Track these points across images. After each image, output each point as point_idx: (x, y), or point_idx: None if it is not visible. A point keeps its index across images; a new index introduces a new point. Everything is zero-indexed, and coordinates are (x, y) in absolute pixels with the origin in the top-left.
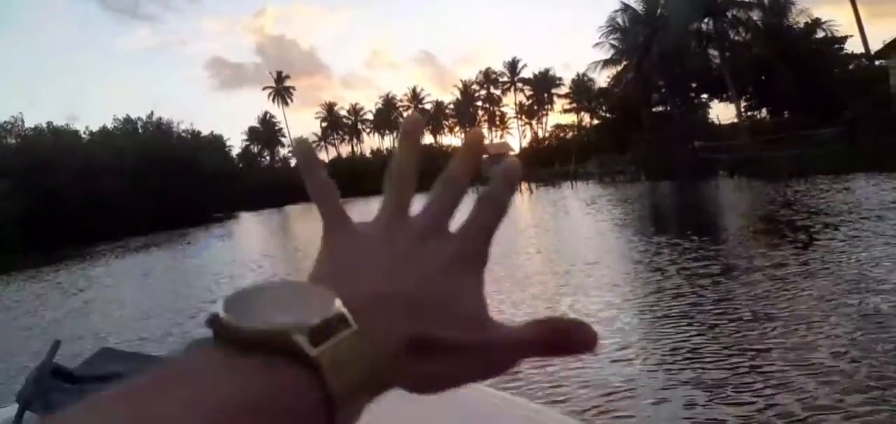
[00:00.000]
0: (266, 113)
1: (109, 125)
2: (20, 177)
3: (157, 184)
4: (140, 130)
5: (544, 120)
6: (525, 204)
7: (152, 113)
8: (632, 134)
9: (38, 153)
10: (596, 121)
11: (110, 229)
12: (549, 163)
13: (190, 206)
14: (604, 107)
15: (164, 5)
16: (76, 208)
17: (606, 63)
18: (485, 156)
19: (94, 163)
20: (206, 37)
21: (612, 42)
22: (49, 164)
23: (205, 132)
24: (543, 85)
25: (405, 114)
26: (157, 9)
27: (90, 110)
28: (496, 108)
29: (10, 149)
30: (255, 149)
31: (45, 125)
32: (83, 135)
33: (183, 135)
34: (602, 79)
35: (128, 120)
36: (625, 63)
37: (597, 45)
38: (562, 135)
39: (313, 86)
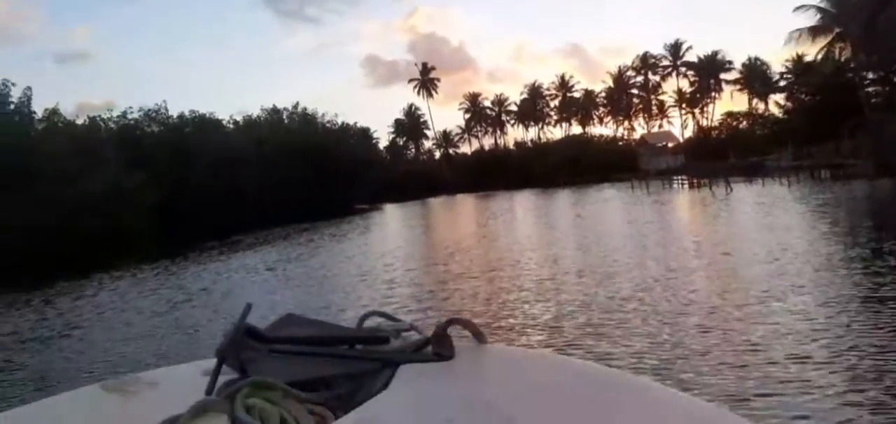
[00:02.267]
0: (411, 105)
1: (257, 115)
2: (158, 167)
3: (298, 174)
4: (285, 120)
5: (709, 108)
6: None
7: (298, 103)
8: (842, 120)
9: (178, 142)
10: (788, 105)
11: (247, 221)
12: (721, 154)
13: (332, 197)
14: (802, 89)
15: (326, 8)
16: (213, 199)
17: (812, 31)
18: (643, 147)
19: (234, 153)
20: (363, 37)
21: (821, 4)
22: (188, 153)
23: (358, 126)
24: (710, 69)
25: (552, 104)
26: (318, 12)
27: (253, 109)
28: (653, 97)
29: (151, 136)
30: (401, 142)
31: (188, 113)
32: (227, 125)
33: (328, 125)
34: (804, 51)
35: (274, 110)
36: (837, 31)
37: (799, 8)
38: (734, 123)
39: (462, 80)
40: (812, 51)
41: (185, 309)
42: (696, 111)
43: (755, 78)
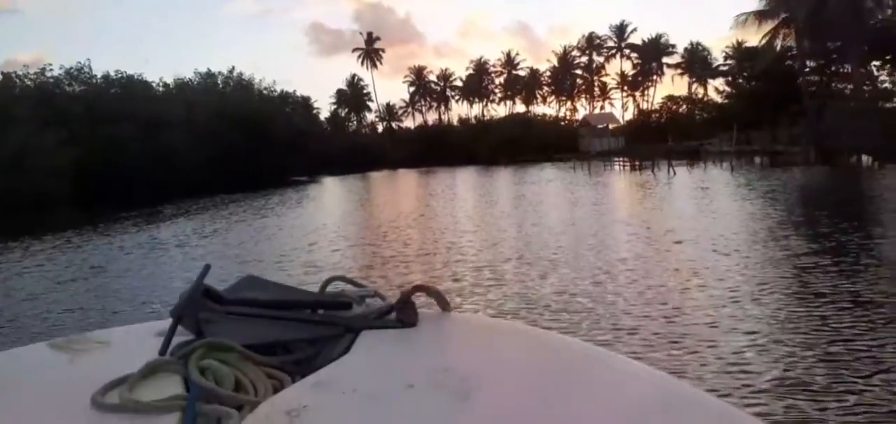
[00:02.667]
0: (354, 75)
1: (190, 78)
2: (78, 129)
3: (231, 142)
4: (220, 86)
5: (650, 91)
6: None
7: (233, 68)
8: (782, 107)
9: (101, 103)
10: (728, 90)
11: (176, 189)
12: (661, 138)
13: (268, 168)
14: (744, 75)
15: None
16: (139, 165)
17: (759, 15)
18: (585, 128)
19: (163, 118)
20: (307, 4)
21: None
22: (112, 115)
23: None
24: (653, 52)
25: (497, 81)
26: None
27: (191, 73)
28: (596, 78)
29: (70, 96)
30: (343, 113)
31: (113, 73)
32: (157, 88)
33: (264, 92)
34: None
35: (208, 74)
36: (783, 16)
37: None
38: (674, 107)
39: (407, 53)
40: (755, 37)
41: (67, 291)
42: (637, 94)
43: (696, 62)
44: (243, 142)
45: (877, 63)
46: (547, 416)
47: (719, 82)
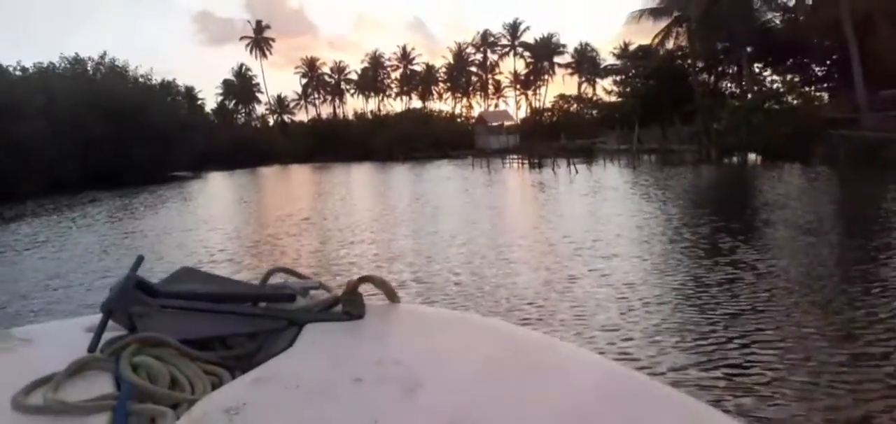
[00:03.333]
0: (242, 65)
1: (56, 63)
2: None
3: (100, 134)
4: (90, 72)
5: (542, 90)
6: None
7: (105, 53)
8: (674, 105)
9: None
10: (616, 90)
11: (30, 185)
12: (553, 135)
13: (143, 163)
14: (637, 73)
15: None
16: None
17: (653, 13)
18: (481, 125)
19: (15, 105)
20: None
21: None
22: None
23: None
24: (545, 51)
25: (393, 75)
26: None
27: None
28: (491, 76)
29: None
30: (231, 105)
31: None
32: (14, 72)
33: (140, 80)
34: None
35: (76, 59)
36: (676, 15)
37: None
38: (565, 106)
39: (300, 45)
40: (647, 36)
41: None
42: (530, 93)
43: (585, 62)
44: (114, 134)
45: (758, 65)
46: (498, 406)
47: (608, 82)
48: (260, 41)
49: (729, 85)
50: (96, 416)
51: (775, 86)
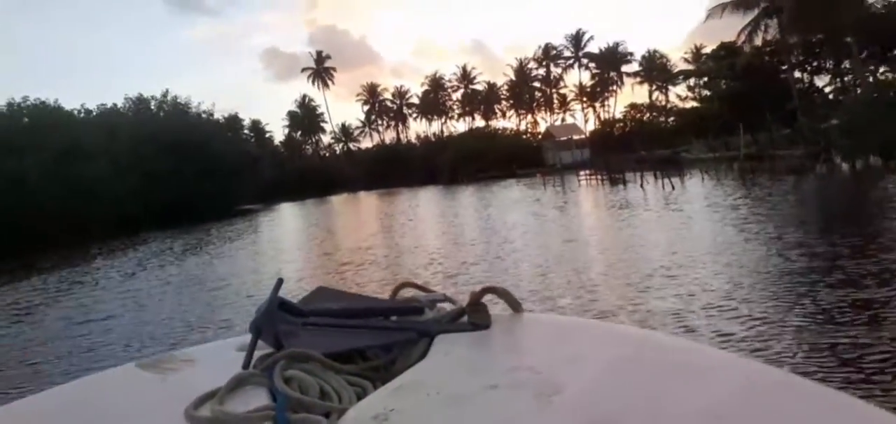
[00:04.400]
0: (304, 96)
1: (120, 104)
2: None
3: (164, 170)
4: (153, 109)
5: (609, 102)
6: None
7: (167, 91)
8: (767, 107)
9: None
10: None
11: (95, 225)
12: (625, 148)
13: (210, 197)
14: (724, 75)
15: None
16: (43, 201)
17: (737, 6)
18: (549, 141)
19: (80, 147)
20: (264, 29)
21: None
22: (18, 148)
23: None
24: (611, 61)
25: (455, 96)
26: (219, 3)
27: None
28: (555, 90)
29: None
30: (298, 136)
31: (19, 99)
32: (77, 114)
33: (203, 116)
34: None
35: (139, 99)
36: (763, 5)
37: None
38: (638, 115)
39: (364, 75)
40: (718, 38)
41: None
42: (597, 105)
43: (655, 70)
44: (177, 170)
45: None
46: (639, 408)
47: (682, 89)
48: (321, 72)
49: (827, 81)
50: None
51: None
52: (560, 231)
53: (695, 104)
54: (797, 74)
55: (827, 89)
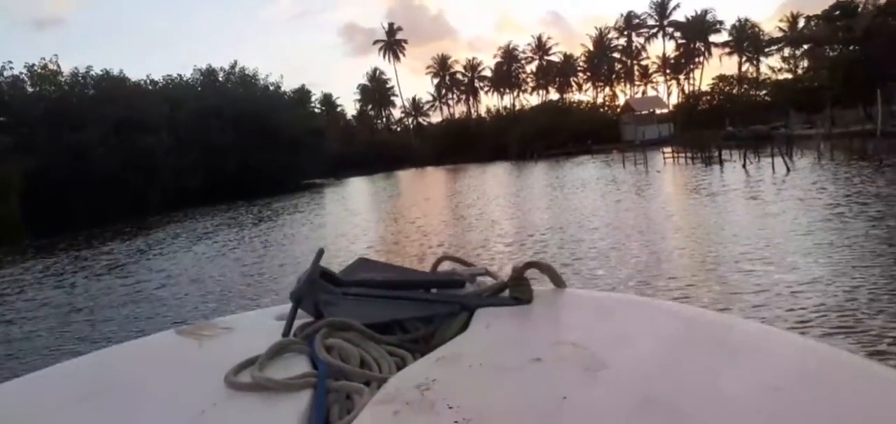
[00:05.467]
0: (375, 69)
1: (188, 76)
2: (33, 135)
3: (227, 143)
4: (221, 81)
5: (694, 74)
6: None
7: (235, 62)
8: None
9: (63, 105)
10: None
11: (155, 198)
12: (713, 123)
13: (274, 171)
14: (840, 38)
15: None
16: (107, 173)
17: None
18: (628, 114)
19: (141, 117)
20: (343, 4)
21: None
22: (80, 117)
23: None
24: (698, 30)
25: (528, 69)
26: None
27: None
28: (636, 62)
29: (23, 97)
30: (370, 111)
31: (83, 69)
32: (145, 85)
33: (270, 88)
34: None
35: (209, 71)
36: None
37: None
38: (728, 89)
39: (441, 49)
40: (808, 9)
41: None
42: (681, 77)
43: (745, 40)
44: (240, 142)
45: None
46: (689, 383)
47: (775, 60)
48: (393, 44)
49: None
50: (299, 393)
51: None
52: (654, 235)
53: (788, 76)
54: None
55: None
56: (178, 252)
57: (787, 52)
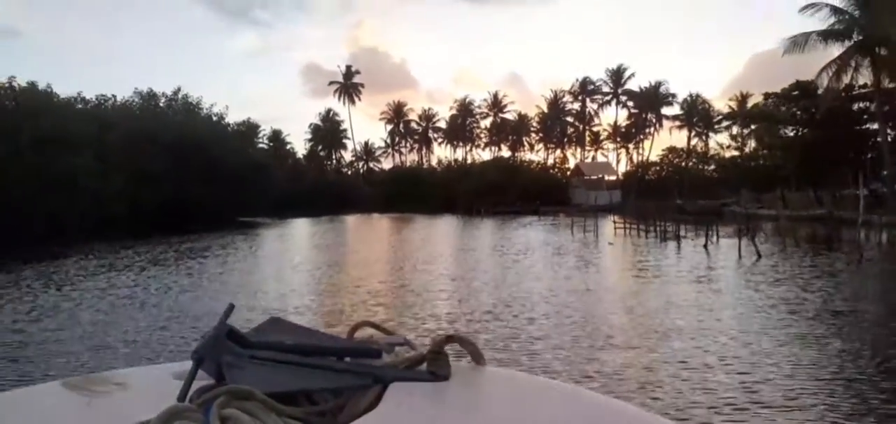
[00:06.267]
0: (329, 110)
1: (126, 97)
2: None
3: (160, 172)
4: (162, 106)
5: (644, 144)
6: None
7: (179, 88)
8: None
9: None
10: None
11: (75, 223)
12: (660, 194)
13: (212, 205)
14: (799, 118)
15: (277, 13)
16: (21, 192)
17: (824, 37)
18: (577, 178)
19: (66, 136)
20: (307, 44)
21: (839, 3)
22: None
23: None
24: (651, 102)
25: (483, 124)
26: (269, 16)
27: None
28: (588, 127)
29: None
30: (322, 151)
31: (5, 80)
32: (74, 103)
33: (215, 118)
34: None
35: (150, 94)
36: (857, 38)
37: (806, 7)
38: (677, 161)
39: (400, 97)
40: (757, 90)
41: None
42: (631, 146)
43: (695, 114)
44: (177, 172)
45: None
46: None
47: (723, 137)
48: (349, 87)
49: None
50: None
51: None
52: (607, 343)
53: (736, 154)
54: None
55: None
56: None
57: (735, 130)
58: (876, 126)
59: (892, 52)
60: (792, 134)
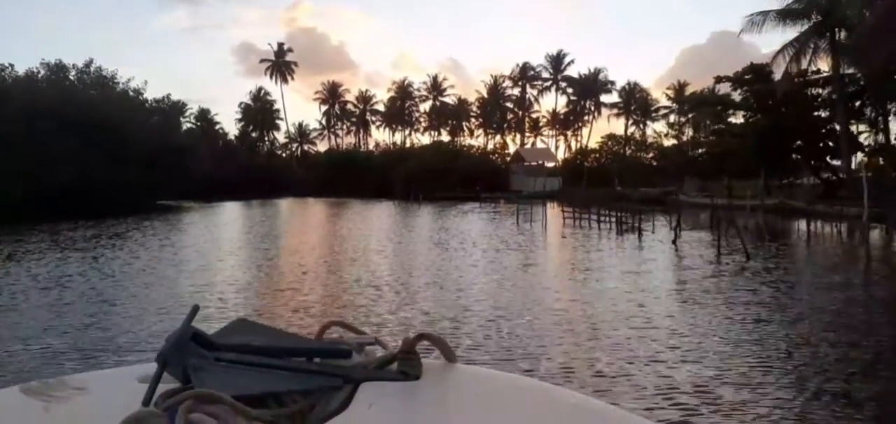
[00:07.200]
0: (260, 89)
1: (28, 68)
2: None
3: (69, 152)
4: (72, 80)
5: (582, 131)
6: None
7: (91, 61)
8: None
9: None
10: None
11: None
12: (600, 181)
13: (121, 187)
14: (750, 104)
15: None
16: None
17: (782, 16)
18: (517, 164)
19: None
20: (242, 23)
21: None
22: None
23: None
24: (590, 89)
25: (422, 107)
26: None
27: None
28: (527, 114)
29: None
30: (253, 133)
31: None
32: None
33: (132, 94)
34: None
35: (59, 66)
36: (816, 19)
37: None
38: (616, 148)
39: (339, 79)
40: (694, 80)
41: None
42: (569, 133)
43: (633, 104)
44: (85, 152)
45: None
46: None
47: (661, 125)
48: (281, 65)
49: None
50: None
51: None
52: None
53: (674, 142)
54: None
55: (863, 138)
56: None
57: (672, 118)
58: (828, 113)
59: (851, 35)
60: (743, 119)
